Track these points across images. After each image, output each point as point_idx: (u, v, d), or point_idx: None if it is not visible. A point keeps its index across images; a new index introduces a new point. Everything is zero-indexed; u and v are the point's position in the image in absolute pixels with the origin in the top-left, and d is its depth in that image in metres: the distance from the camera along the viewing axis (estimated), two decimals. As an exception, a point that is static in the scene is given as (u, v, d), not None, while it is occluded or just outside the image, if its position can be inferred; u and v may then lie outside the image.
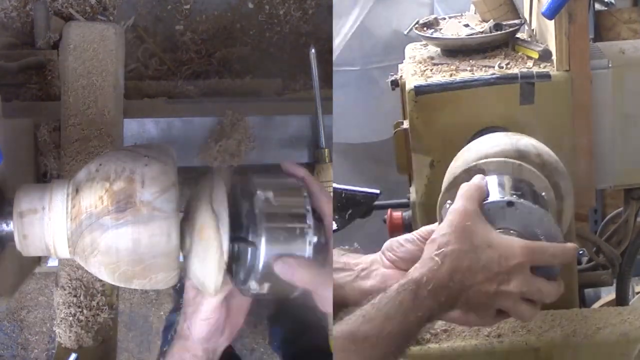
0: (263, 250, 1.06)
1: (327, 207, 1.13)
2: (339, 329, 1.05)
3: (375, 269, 1.24)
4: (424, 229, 1.23)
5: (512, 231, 1.11)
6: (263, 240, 1.06)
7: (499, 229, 1.11)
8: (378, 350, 1.04)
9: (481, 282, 1.07)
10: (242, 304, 1.21)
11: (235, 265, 1.11)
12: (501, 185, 1.17)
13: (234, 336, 1.23)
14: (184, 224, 1.09)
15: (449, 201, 1.17)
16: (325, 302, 1.10)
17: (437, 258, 1.07)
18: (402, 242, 1.24)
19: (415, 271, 1.08)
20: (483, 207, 1.11)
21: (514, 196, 1.13)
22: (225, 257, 1.06)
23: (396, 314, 1.05)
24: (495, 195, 1.14)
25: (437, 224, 1.22)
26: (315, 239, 1.09)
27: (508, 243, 1.08)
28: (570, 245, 1.11)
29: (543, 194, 1.20)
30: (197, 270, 1.09)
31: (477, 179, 1.17)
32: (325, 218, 1.12)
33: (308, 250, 1.08)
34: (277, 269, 1.07)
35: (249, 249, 1.07)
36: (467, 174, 1.22)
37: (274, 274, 1.07)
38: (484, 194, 1.13)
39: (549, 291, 1.09)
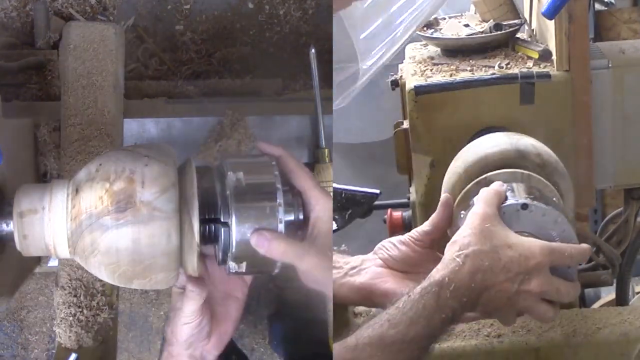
0: (234, 230, 1.08)
1: (305, 183, 1.13)
2: (366, 334, 1.07)
3: (366, 267, 1.25)
4: (415, 232, 1.26)
5: (526, 234, 1.13)
6: (234, 219, 1.08)
7: (515, 232, 1.13)
8: (403, 354, 1.06)
9: (502, 282, 1.09)
10: (231, 311, 1.20)
11: (214, 247, 1.13)
12: (515, 191, 1.19)
13: (223, 344, 1.21)
14: None
15: (462, 212, 1.18)
16: (307, 277, 1.11)
17: (458, 259, 1.09)
18: (395, 243, 1.26)
19: (437, 273, 1.09)
20: (500, 211, 1.14)
21: (528, 199, 1.15)
22: (197, 238, 1.07)
23: (420, 317, 1.07)
24: (510, 200, 1.16)
25: (428, 222, 1.25)
26: (288, 217, 1.10)
27: (527, 243, 1.10)
28: (585, 246, 1.13)
29: (554, 199, 1.21)
30: None
31: (496, 185, 1.19)
32: (304, 194, 1.13)
33: (280, 227, 1.09)
34: (253, 241, 1.08)
35: (222, 229, 1.09)
36: (477, 185, 1.23)
37: (250, 252, 1.09)
38: (502, 198, 1.16)
39: (567, 291, 1.12)
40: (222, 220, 1.09)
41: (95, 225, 1.05)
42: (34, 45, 2.07)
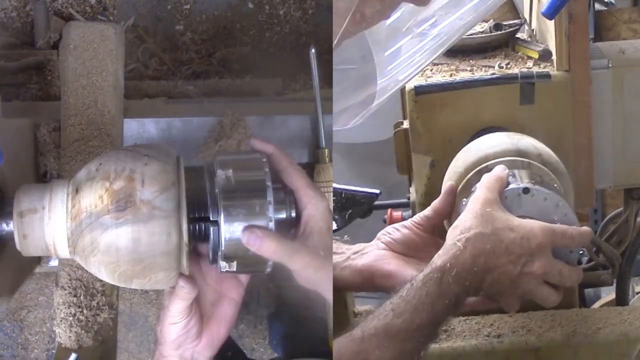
0: (223, 228, 1.07)
1: (297, 182, 1.13)
2: (371, 325, 1.07)
3: (369, 251, 1.26)
4: (417, 217, 1.27)
5: (528, 218, 1.14)
6: (222, 217, 1.07)
7: (517, 216, 1.13)
8: (409, 343, 1.06)
9: (505, 265, 1.09)
10: (225, 312, 1.18)
11: (205, 246, 1.12)
12: (517, 176, 1.20)
13: (216, 346, 1.19)
14: None
15: (464, 199, 1.18)
16: (299, 277, 1.10)
17: (459, 243, 1.09)
18: (397, 227, 1.28)
19: (439, 259, 1.10)
20: (501, 196, 1.15)
21: (530, 184, 1.17)
22: (185, 237, 1.06)
23: (424, 305, 1.07)
24: (512, 185, 1.17)
25: (430, 207, 1.26)
26: (279, 215, 1.09)
27: (529, 225, 1.11)
28: (586, 228, 1.14)
29: (555, 185, 1.22)
30: None
31: (498, 169, 1.19)
32: (296, 192, 1.12)
33: (270, 226, 1.08)
34: (245, 238, 1.07)
35: (212, 228, 1.08)
36: (477, 174, 1.23)
37: (240, 251, 1.08)
38: (504, 184, 1.17)
39: (569, 274, 1.12)
40: (211, 219, 1.08)
41: (95, 224, 1.05)
42: (34, 45, 2.07)
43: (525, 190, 1.15)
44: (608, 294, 1.91)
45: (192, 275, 1.12)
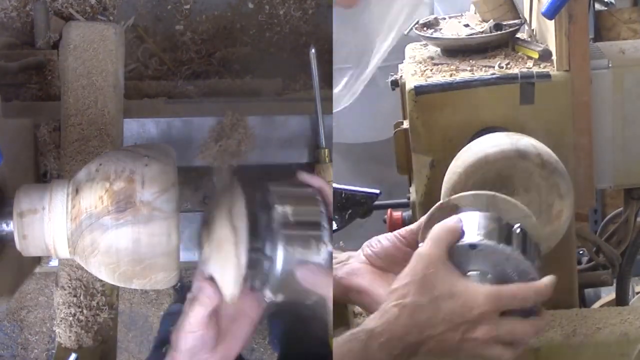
0: (280, 263, 1.08)
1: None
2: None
3: (350, 262, 1.24)
4: (403, 230, 1.23)
5: (476, 272, 1.07)
6: (280, 253, 1.08)
7: (472, 270, 1.08)
8: None
9: (443, 333, 1.03)
10: (241, 329, 1.18)
11: (251, 273, 1.12)
12: (472, 223, 1.12)
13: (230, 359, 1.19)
14: (203, 233, 1.10)
15: (421, 243, 1.12)
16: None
17: (395, 309, 1.04)
18: (380, 240, 1.24)
19: (371, 321, 1.06)
20: (452, 250, 1.08)
21: (478, 237, 1.09)
22: (243, 271, 1.07)
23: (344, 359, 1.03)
24: (467, 235, 1.09)
25: (416, 223, 1.21)
26: (330, 248, 1.10)
27: (472, 291, 1.04)
28: (545, 282, 1.05)
29: (517, 225, 1.12)
30: (216, 278, 1.10)
31: (452, 220, 1.12)
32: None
33: (324, 260, 1.09)
34: (300, 275, 1.07)
35: (265, 261, 1.09)
36: (440, 210, 1.17)
37: (290, 285, 1.09)
38: (456, 236, 1.09)
39: (524, 331, 1.05)
40: (266, 253, 1.08)
41: (95, 225, 1.05)
42: (34, 45, 2.08)
43: (472, 246, 1.07)
44: (608, 294, 1.91)
45: (215, 284, 1.11)
